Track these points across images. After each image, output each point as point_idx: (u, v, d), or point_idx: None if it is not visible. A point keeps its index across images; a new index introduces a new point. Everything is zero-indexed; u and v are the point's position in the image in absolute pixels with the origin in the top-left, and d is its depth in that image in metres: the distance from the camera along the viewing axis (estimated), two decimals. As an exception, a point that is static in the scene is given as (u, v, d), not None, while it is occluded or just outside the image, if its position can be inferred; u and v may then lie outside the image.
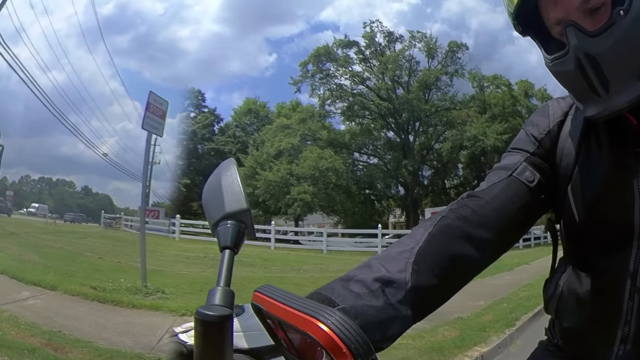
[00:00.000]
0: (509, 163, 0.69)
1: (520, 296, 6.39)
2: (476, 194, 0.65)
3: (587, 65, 0.57)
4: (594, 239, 0.66)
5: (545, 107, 0.76)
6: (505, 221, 0.63)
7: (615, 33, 0.57)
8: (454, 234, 0.59)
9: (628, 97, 0.58)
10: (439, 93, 26.37)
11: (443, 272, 0.56)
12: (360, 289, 0.50)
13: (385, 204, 27.38)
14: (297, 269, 9.66)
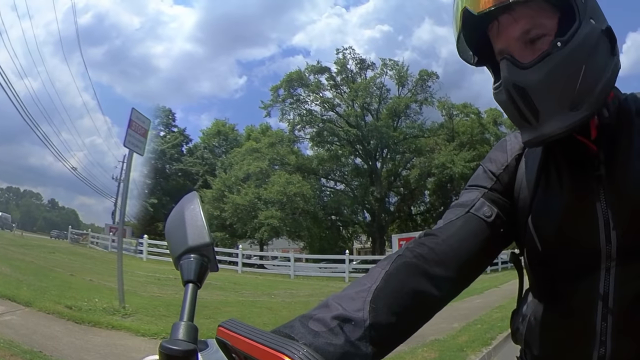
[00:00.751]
0: (466, 200, 0.74)
1: (494, 317, 6.85)
2: (433, 232, 0.70)
3: (516, 96, 0.63)
4: (560, 265, 0.71)
5: (503, 142, 0.82)
6: (464, 257, 0.68)
7: (549, 64, 0.61)
8: (411, 272, 0.63)
9: (558, 126, 0.62)
10: (408, 121, 28.76)
11: (402, 309, 0.59)
12: (319, 327, 0.54)
13: (351, 230, 29.55)
14: (268, 293, 10.29)
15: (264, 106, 29.15)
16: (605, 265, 0.67)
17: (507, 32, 0.64)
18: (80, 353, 3.95)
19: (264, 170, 26.56)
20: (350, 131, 27.21)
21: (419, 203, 30.35)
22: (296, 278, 16.52)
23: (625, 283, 0.66)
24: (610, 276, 0.67)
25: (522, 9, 0.63)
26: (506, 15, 0.63)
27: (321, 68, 28.53)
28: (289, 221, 25.43)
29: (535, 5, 0.63)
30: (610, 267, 0.66)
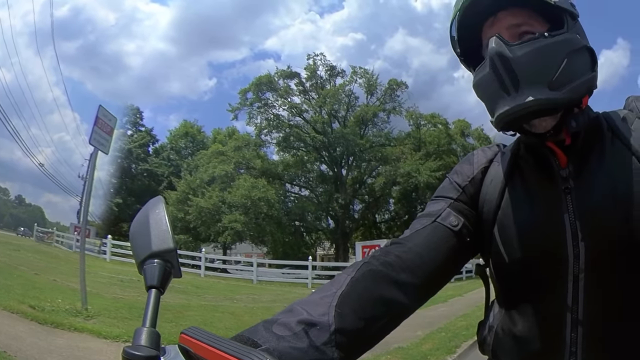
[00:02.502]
0: (433, 210, 0.87)
1: (458, 326, 7.64)
2: (399, 241, 0.81)
3: (499, 65, 0.75)
4: (527, 276, 0.82)
5: (470, 156, 0.98)
6: (431, 266, 0.78)
7: (534, 45, 0.76)
8: (378, 279, 0.72)
9: (536, 96, 0.73)
10: (375, 129, 33.89)
11: (368, 315, 0.67)
12: (283, 332, 0.60)
13: (314, 236, 34.59)
14: (230, 298, 11.56)
15: (231, 109, 33.47)
16: (574, 276, 0.77)
17: (501, 22, 0.82)
18: (43, 355, 4.27)
19: (229, 173, 30.11)
20: (317, 137, 32.03)
21: (384, 211, 35.65)
22: (259, 283, 18.60)
23: (594, 294, 0.76)
24: (578, 287, 0.77)
25: (520, 9, 0.82)
26: (504, 11, 0.82)
27: (291, 73, 33.48)
28: (253, 226, 28.86)
29: (531, 12, 0.82)
30: (579, 279, 0.77)
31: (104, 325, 5.83)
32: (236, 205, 28.45)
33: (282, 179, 32.75)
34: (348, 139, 31.65)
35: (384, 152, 32.38)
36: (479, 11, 0.84)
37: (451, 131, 35.00)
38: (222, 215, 28.25)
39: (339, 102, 33.15)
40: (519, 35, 0.81)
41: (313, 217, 32.77)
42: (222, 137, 34.73)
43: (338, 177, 33.00)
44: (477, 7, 0.82)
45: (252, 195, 28.45)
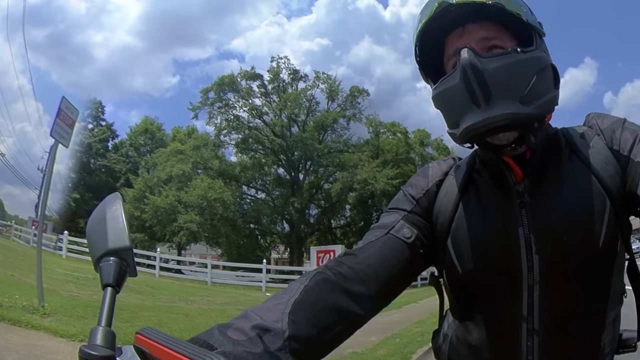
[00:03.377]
0: (386, 222, 0.95)
1: (413, 332, 8.30)
2: (352, 252, 0.88)
3: (472, 77, 0.80)
4: (481, 287, 0.91)
5: (425, 169, 1.07)
6: (384, 277, 0.85)
7: (506, 60, 0.82)
8: (331, 288, 0.79)
9: (507, 110, 0.79)
10: (334, 135, 36.78)
11: (321, 323, 0.74)
12: (239, 336, 0.66)
13: (269, 239, 37.24)
14: (185, 299, 12.31)
15: (192, 108, 35.64)
16: (528, 287, 0.86)
17: (471, 34, 0.88)
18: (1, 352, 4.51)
19: (187, 173, 32.16)
20: (275, 141, 34.66)
21: (340, 217, 38.90)
22: (213, 285, 19.85)
23: (548, 304, 0.86)
24: (533, 298, 0.86)
25: (489, 23, 0.88)
26: (473, 24, 0.88)
27: (254, 75, 36.09)
28: (208, 227, 31.05)
29: (500, 26, 0.88)
30: (533, 290, 0.86)
31: (61, 323, 6.15)
32: (192, 206, 30.43)
33: (239, 180, 35.20)
34: (306, 144, 34.25)
35: (342, 158, 35.18)
36: (445, 22, 0.89)
37: (410, 140, 38.44)
38: (178, 215, 30.14)
39: (300, 106, 35.96)
40: (488, 48, 0.87)
41: (268, 220, 35.43)
42: (182, 135, 37.19)
43: (295, 181, 35.78)
44: (445, 17, 0.87)
45: (208, 196, 30.41)
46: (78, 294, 9.22)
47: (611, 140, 0.93)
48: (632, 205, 0.88)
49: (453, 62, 0.88)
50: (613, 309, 0.92)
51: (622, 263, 0.93)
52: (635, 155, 0.88)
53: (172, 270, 22.21)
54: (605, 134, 0.95)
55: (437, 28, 0.90)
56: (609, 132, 0.94)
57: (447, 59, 0.93)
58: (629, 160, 0.88)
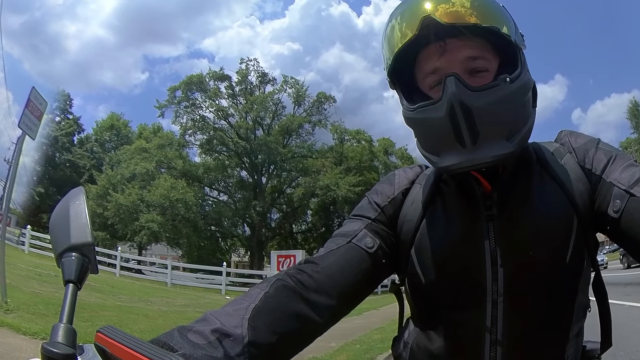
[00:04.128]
0: (349, 230, 0.99)
1: (373, 338, 8.83)
2: (313, 260, 0.93)
3: (460, 114, 0.82)
4: (444, 297, 0.96)
5: (391, 176, 1.11)
6: (344, 286, 0.90)
7: (496, 94, 0.84)
8: (291, 296, 0.83)
9: (495, 152, 0.83)
10: (299, 140, 39.78)
11: (281, 330, 0.78)
12: (199, 340, 0.70)
13: (230, 242, 40.02)
14: (145, 300, 12.97)
15: (159, 106, 37.95)
16: (492, 299, 0.91)
17: (453, 53, 0.88)
18: None
19: (150, 172, 34.16)
20: (239, 143, 37.38)
21: (301, 222, 42.16)
22: (173, 286, 20.58)
23: (512, 316, 0.91)
24: (497, 310, 0.91)
25: (473, 40, 0.88)
26: (455, 39, 0.88)
27: (222, 75, 38.91)
28: (169, 227, 32.88)
29: (484, 42, 0.89)
30: (497, 302, 0.91)
31: (23, 320, 6.33)
32: (154, 205, 32.33)
33: (201, 181, 37.58)
34: (271, 147, 36.88)
35: (305, 163, 38.31)
36: (424, 34, 0.87)
37: (375, 148, 41.66)
38: (140, 214, 31.98)
39: (266, 109, 38.68)
40: (473, 70, 0.89)
41: (230, 222, 38.06)
42: (148, 133, 39.30)
43: (257, 185, 38.52)
44: (424, 30, 0.86)
45: (170, 196, 32.31)
46: (40, 291, 9.58)
47: (583, 159, 0.97)
48: (602, 223, 0.91)
49: (430, 83, 0.92)
50: (577, 322, 0.97)
51: (587, 278, 0.99)
52: (607, 175, 0.92)
53: (132, 270, 23.08)
54: (577, 152, 0.99)
55: (413, 39, 0.88)
56: (582, 151, 0.99)
57: (423, 75, 0.94)
58: (601, 180, 0.92)
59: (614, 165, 0.93)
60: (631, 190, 0.85)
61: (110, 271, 20.68)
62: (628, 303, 9.60)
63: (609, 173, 0.92)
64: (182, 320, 8.69)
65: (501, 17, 0.88)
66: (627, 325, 7.14)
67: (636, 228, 0.83)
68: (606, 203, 0.89)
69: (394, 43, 0.90)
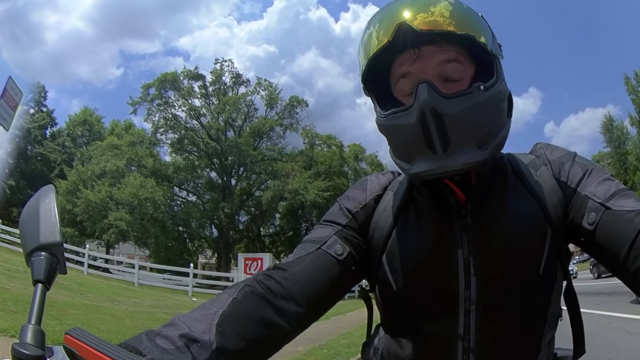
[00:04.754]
0: (319, 236, 1.04)
1: (341, 343, 9.32)
2: (282, 266, 0.97)
3: (431, 121, 0.85)
4: (416, 304, 1.01)
5: (363, 181, 1.16)
6: (312, 293, 0.95)
7: (469, 102, 0.87)
8: (259, 302, 0.88)
9: (466, 159, 0.87)
10: (270, 143, 41.83)
11: (249, 337, 0.83)
12: (167, 345, 0.74)
13: (197, 243, 41.61)
14: (112, 299, 13.64)
15: (132, 102, 39.38)
16: (465, 308, 0.96)
17: (427, 60, 0.93)
18: None
19: (120, 169, 35.63)
20: (210, 144, 39.28)
21: (269, 225, 44.02)
22: (140, 286, 21.44)
23: (485, 325, 0.96)
24: (470, 318, 0.96)
25: (449, 45, 0.93)
26: (430, 46, 0.92)
27: (197, 75, 40.63)
28: (137, 226, 34.30)
29: (460, 49, 0.94)
30: (470, 310, 0.96)
31: None
32: (123, 203, 33.67)
33: (171, 181, 39.39)
34: (241, 149, 38.68)
35: (275, 166, 40.07)
36: (399, 41, 0.91)
37: (345, 154, 44.12)
38: (109, 212, 33.28)
39: (238, 111, 40.74)
40: (444, 78, 0.93)
41: (197, 224, 39.60)
42: (119, 130, 41.02)
43: (227, 187, 40.46)
44: (400, 36, 0.90)
45: (139, 195, 33.71)
46: (9, 287, 9.77)
47: (559, 172, 1.03)
48: (576, 234, 0.97)
49: (402, 87, 0.97)
50: (549, 331, 1.03)
51: (560, 287, 1.04)
52: (582, 188, 0.97)
53: (100, 268, 24.05)
54: (553, 165, 1.04)
55: (388, 45, 0.92)
56: (558, 164, 1.04)
57: (396, 79, 0.98)
58: (576, 192, 0.98)
59: (590, 179, 0.98)
60: (607, 203, 0.92)
61: (78, 269, 21.15)
62: (598, 312, 10.28)
63: (585, 186, 0.98)
64: (149, 321, 9.79)
65: (479, 27, 0.92)
66: (597, 333, 7.66)
67: (611, 240, 0.89)
68: (581, 215, 0.95)
69: (369, 49, 0.94)
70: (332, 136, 43.70)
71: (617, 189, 0.94)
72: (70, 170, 36.60)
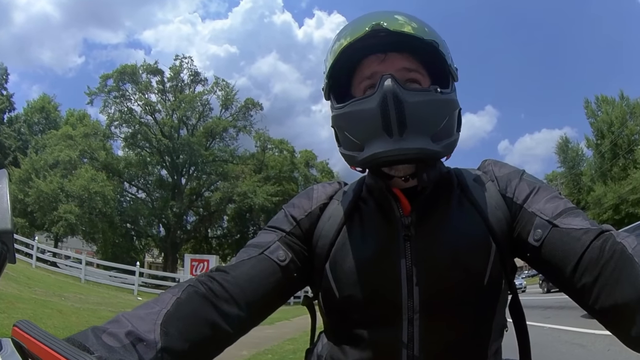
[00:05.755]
0: (262, 241, 1.14)
1: (285, 349, 10.07)
2: (225, 269, 1.06)
3: (392, 106, 0.97)
4: (359, 313, 1.10)
5: (310, 190, 1.27)
6: (253, 298, 1.04)
7: (427, 96, 1.02)
8: (202, 303, 0.97)
9: (419, 145, 0.98)
10: (222, 144, 45.25)
11: (193, 338, 0.91)
12: (113, 342, 0.81)
13: (144, 241, 44.78)
14: (59, 294, 14.50)
15: (89, 92, 41.54)
16: (408, 316, 1.05)
17: (393, 62, 1.08)
18: None
19: (73, 160, 37.35)
20: (163, 141, 41.99)
21: (217, 227, 47.73)
22: (86, 282, 22.33)
23: (429, 334, 1.05)
24: (413, 327, 1.05)
25: (412, 55, 1.09)
26: (395, 52, 1.08)
27: (156, 69, 43.36)
28: (86, 220, 36.05)
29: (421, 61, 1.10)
30: (414, 319, 1.05)
31: None
32: (73, 196, 35.21)
33: (121, 176, 41.99)
34: (193, 149, 41.55)
35: (225, 168, 43.07)
36: (368, 44, 1.06)
37: (296, 160, 48.04)
38: (59, 204, 34.73)
39: (193, 109, 43.81)
40: (407, 80, 1.08)
41: (146, 221, 42.61)
42: (74, 119, 43.56)
43: (177, 185, 43.48)
44: (370, 40, 1.04)
45: (90, 188, 35.36)
46: None
47: (505, 188, 1.14)
48: (522, 250, 1.07)
49: (366, 85, 1.11)
50: (495, 341, 1.12)
51: (505, 300, 1.14)
52: (529, 205, 1.07)
53: (48, 262, 24.63)
54: (499, 181, 1.16)
55: (357, 47, 1.05)
56: (505, 180, 1.15)
57: (359, 81, 1.12)
58: (522, 209, 1.08)
59: (537, 197, 1.09)
60: (554, 221, 1.01)
61: (27, 261, 22.29)
62: (548, 325, 10.92)
63: (531, 203, 1.08)
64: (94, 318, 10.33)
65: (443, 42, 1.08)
66: (547, 346, 8.19)
67: (557, 257, 0.97)
68: (527, 232, 1.04)
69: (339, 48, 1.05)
70: (284, 141, 47.12)
71: (566, 207, 1.05)
72: (24, 158, 38.33)
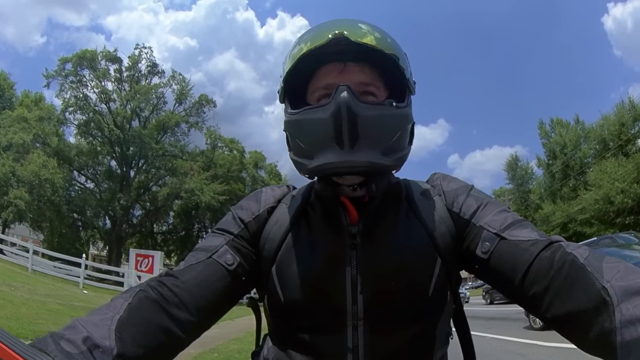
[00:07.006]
0: (210, 245, 1.27)
1: (230, 348, 11.42)
2: (174, 274, 1.19)
3: (345, 117, 1.07)
4: (303, 318, 1.22)
5: (258, 193, 1.41)
6: (202, 303, 1.16)
7: (381, 110, 1.14)
8: (154, 309, 1.08)
9: (369, 158, 1.09)
10: (173, 138, 49.67)
11: (146, 343, 1.02)
12: (72, 349, 0.91)
13: (89, 233, 48.46)
14: (8, 284, 15.53)
15: (46, 75, 44.27)
16: (352, 323, 1.18)
17: (351, 75, 1.18)
18: None
19: (26, 144, 39.48)
20: (114, 131, 45.35)
21: (163, 222, 52.04)
22: (33, 272, 23.80)
23: (374, 340, 1.18)
24: (358, 333, 1.18)
25: (370, 68, 1.21)
26: (354, 63, 1.19)
27: (115, 57, 46.93)
28: (35, 208, 38.41)
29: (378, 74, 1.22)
30: (358, 325, 1.18)
31: None
32: (24, 181, 37.32)
33: (72, 164, 44.97)
34: (144, 141, 45.01)
35: (175, 163, 47.51)
36: (327, 52, 1.16)
37: (245, 160, 52.59)
38: (10, 189, 36.87)
39: (147, 101, 47.70)
40: (362, 93, 1.18)
41: (92, 212, 45.94)
42: (29, 101, 45.04)
43: (125, 177, 47.38)
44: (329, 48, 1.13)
45: (41, 174, 37.52)
46: None
47: (452, 203, 1.28)
48: (471, 262, 1.21)
49: (320, 95, 1.22)
50: (440, 349, 1.26)
51: (449, 310, 1.29)
52: (477, 220, 1.21)
53: None
54: (447, 196, 1.31)
55: (316, 54, 1.15)
56: (452, 195, 1.30)
57: (314, 89, 1.24)
58: (470, 224, 1.22)
59: (485, 211, 1.23)
60: (502, 233, 1.15)
61: None
62: (490, 335, 12.21)
63: (479, 218, 1.21)
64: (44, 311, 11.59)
65: (403, 56, 1.21)
66: (490, 354, 9.27)
67: (505, 268, 1.10)
68: (475, 245, 1.18)
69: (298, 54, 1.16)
70: (235, 140, 51.39)
71: (514, 219, 1.19)
72: (-23, 139, 42.36)
